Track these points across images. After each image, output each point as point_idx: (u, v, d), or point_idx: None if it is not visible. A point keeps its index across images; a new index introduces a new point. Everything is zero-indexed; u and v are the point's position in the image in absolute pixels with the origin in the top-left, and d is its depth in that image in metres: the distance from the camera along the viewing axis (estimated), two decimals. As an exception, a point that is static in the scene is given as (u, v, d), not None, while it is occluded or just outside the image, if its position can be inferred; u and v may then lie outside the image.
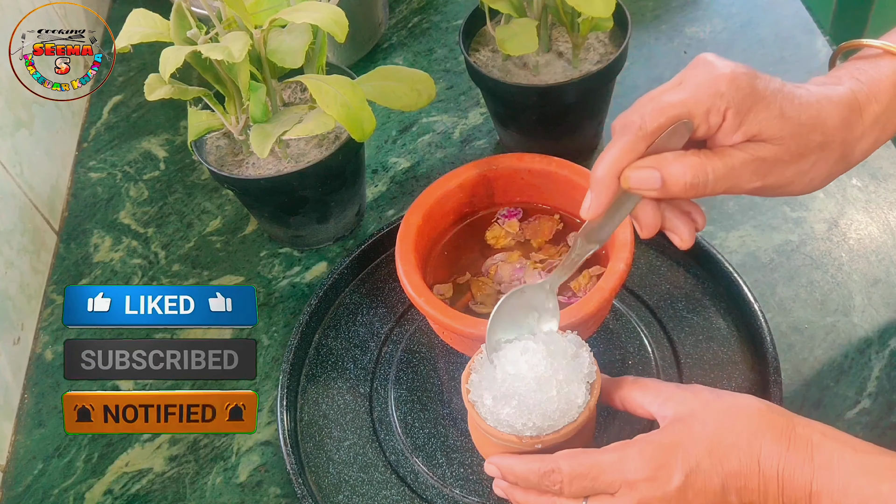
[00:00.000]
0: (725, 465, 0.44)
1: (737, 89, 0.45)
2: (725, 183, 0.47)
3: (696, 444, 0.45)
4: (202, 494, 0.63)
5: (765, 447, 0.44)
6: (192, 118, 0.68)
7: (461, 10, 0.98)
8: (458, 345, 0.63)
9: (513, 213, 0.67)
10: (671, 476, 0.45)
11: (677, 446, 0.45)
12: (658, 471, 0.45)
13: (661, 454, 0.45)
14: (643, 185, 0.46)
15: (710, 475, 0.44)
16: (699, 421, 0.46)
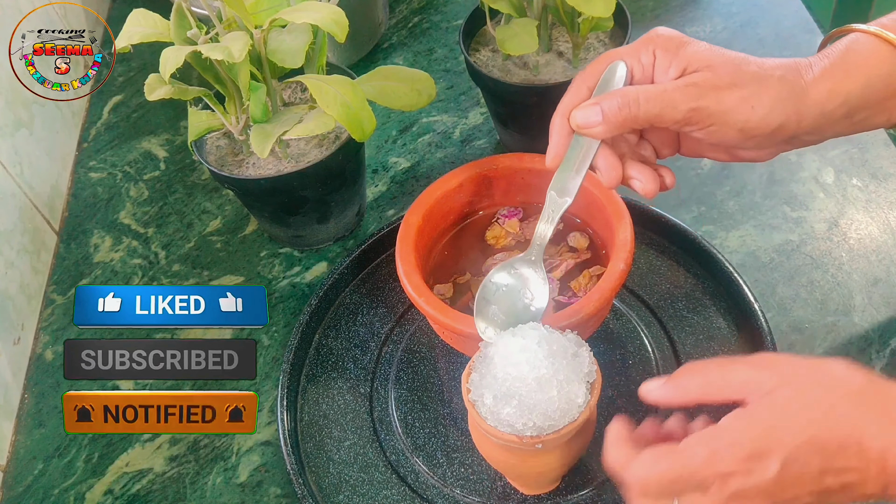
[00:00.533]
0: (825, 450, 0.41)
1: (663, 35, 0.50)
2: (657, 104, 0.48)
3: (792, 428, 0.41)
4: (202, 494, 0.63)
5: (868, 426, 0.41)
6: (193, 118, 0.68)
7: (461, 10, 0.98)
8: (458, 345, 0.63)
9: (513, 213, 0.67)
10: (767, 466, 0.41)
11: (772, 432, 0.42)
12: (753, 462, 0.42)
13: (755, 444, 0.42)
14: (586, 120, 0.50)
15: (808, 461, 0.41)
16: (793, 398, 0.42)
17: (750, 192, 0.74)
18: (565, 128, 0.51)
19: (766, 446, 0.42)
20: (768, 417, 0.42)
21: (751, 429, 0.42)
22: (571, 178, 0.52)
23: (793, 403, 0.42)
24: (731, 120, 0.48)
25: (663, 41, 0.50)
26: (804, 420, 0.42)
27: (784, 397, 0.42)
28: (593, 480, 0.58)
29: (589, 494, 0.58)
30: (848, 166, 0.74)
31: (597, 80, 0.51)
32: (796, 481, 0.42)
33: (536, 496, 0.58)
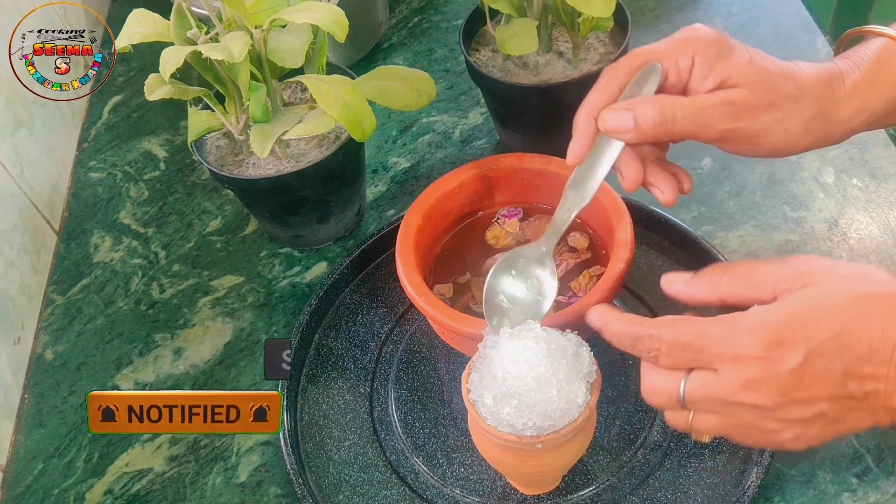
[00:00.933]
0: (853, 350, 0.39)
1: (704, 38, 0.48)
2: (694, 121, 0.47)
3: (823, 322, 0.39)
4: (202, 494, 0.63)
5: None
6: (193, 118, 0.68)
7: (461, 10, 0.98)
8: (458, 345, 0.63)
9: (513, 213, 0.67)
10: (787, 356, 0.39)
11: (799, 321, 0.39)
12: (773, 349, 0.39)
13: (779, 330, 0.39)
14: (617, 125, 0.48)
15: (833, 359, 0.39)
16: (827, 294, 0.40)
17: (750, 192, 0.74)
18: (591, 126, 0.50)
19: (790, 335, 0.39)
20: (798, 308, 0.40)
21: (778, 315, 0.40)
22: (591, 178, 0.51)
23: (826, 298, 0.40)
24: (763, 141, 0.48)
25: (704, 45, 0.48)
26: (836, 315, 0.39)
27: (817, 292, 0.40)
28: (593, 480, 0.58)
29: (589, 494, 0.58)
30: (848, 166, 0.74)
31: (628, 80, 0.49)
32: (817, 379, 0.39)
33: (536, 496, 0.58)
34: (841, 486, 0.56)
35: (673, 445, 0.59)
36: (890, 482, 0.56)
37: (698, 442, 0.58)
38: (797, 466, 0.57)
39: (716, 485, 0.57)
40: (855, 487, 0.56)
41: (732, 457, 0.58)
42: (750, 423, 0.42)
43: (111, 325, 0.75)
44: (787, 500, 0.56)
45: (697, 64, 0.48)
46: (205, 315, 0.74)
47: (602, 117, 0.49)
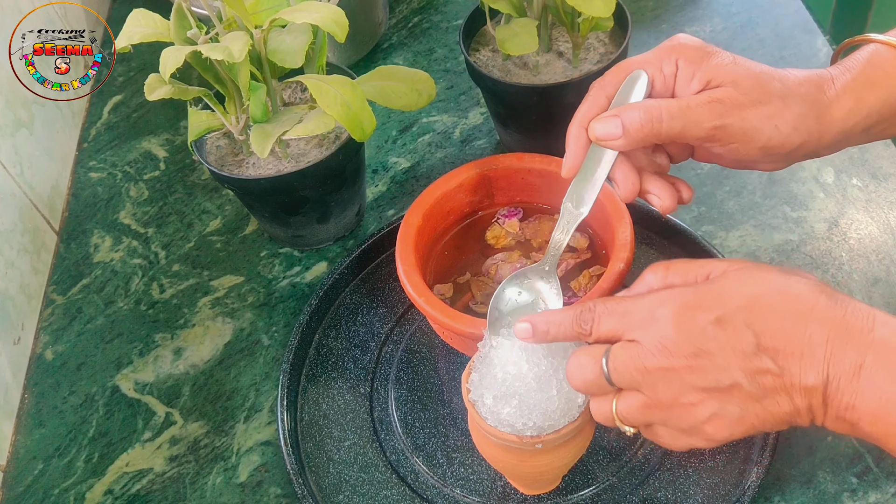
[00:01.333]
0: (764, 322, 0.41)
1: (687, 45, 0.49)
2: (680, 121, 0.48)
3: (737, 294, 0.41)
4: (202, 494, 0.63)
5: (817, 312, 0.40)
6: (193, 118, 0.68)
7: (461, 10, 0.98)
8: (458, 345, 0.63)
9: (513, 213, 0.67)
10: (698, 316, 0.41)
11: (713, 293, 0.42)
12: (686, 311, 0.42)
13: (693, 296, 0.42)
14: (606, 132, 0.49)
15: (742, 328, 0.41)
16: (748, 277, 0.42)
17: (750, 192, 0.74)
18: (582, 138, 0.51)
19: (703, 301, 0.42)
20: (717, 284, 0.43)
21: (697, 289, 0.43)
22: (588, 190, 0.51)
23: (746, 279, 0.43)
24: (754, 138, 0.48)
25: (687, 51, 0.49)
26: (752, 290, 0.42)
27: (738, 275, 0.43)
28: (593, 480, 0.58)
29: (589, 494, 0.58)
30: (848, 166, 0.74)
31: (615, 90, 0.50)
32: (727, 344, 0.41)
33: (536, 496, 0.58)
34: (841, 486, 0.56)
35: (673, 445, 0.59)
36: (890, 482, 0.56)
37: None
38: (797, 466, 0.57)
39: (716, 485, 0.57)
40: (855, 487, 0.56)
41: (732, 457, 0.58)
42: (669, 398, 0.43)
43: (111, 325, 0.75)
44: (787, 500, 0.56)
45: (682, 67, 0.49)
46: (205, 315, 0.74)
47: (591, 127, 0.50)
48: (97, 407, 0.69)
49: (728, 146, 0.49)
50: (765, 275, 0.43)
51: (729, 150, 0.49)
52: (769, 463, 0.55)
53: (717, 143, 0.49)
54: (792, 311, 0.41)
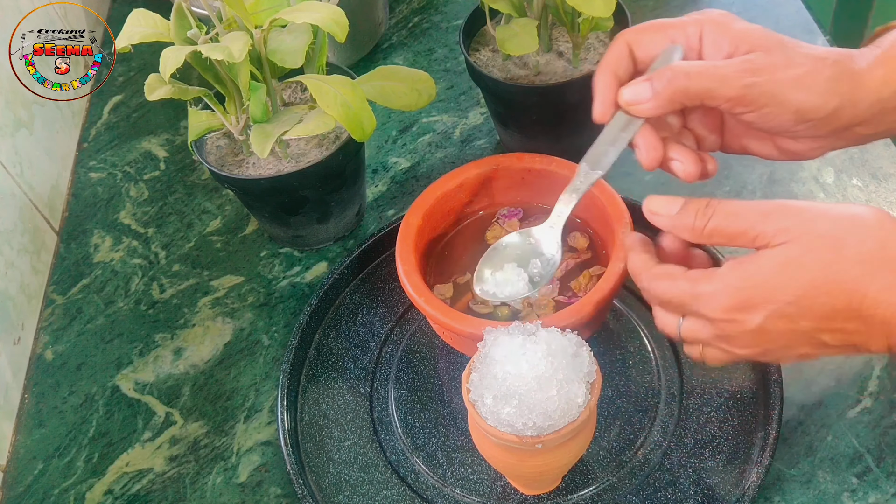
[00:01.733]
0: (816, 311, 0.42)
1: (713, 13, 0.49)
2: (710, 79, 0.47)
3: (786, 288, 0.42)
4: (202, 494, 0.63)
5: (873, 292, 0.41)
6: (193, 118, 0.68)
7: (461, 10, 0.98)
8: (458, 345, 0.63)
9: (513, 213, 0.67)
10: (748, 319, 0.43)
11: (761, 286, 0.42)
12: (734, 312, 0.43)
13: (741, 295, 0.43)
14: (636, 96, 0.48)
15: (796, 319, 0.42)
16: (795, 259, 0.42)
17: (750, 193, 0.74)
18: (609, 83, 0.50)
19: (750, 300, 0.43)
20: (763, 272, 0.43)
21: (743, 280, 0.43)
22: (606, 152, 0.51)
23: (793, 265, 0.42)
24: (786, 100, 0.46)
25: (713, 17, 0.49)
26: (800, 282, 0.42)
27: (786, 256, 0.42)
28: (593, 480, 0.58)
29: (589, 494, 0.58)
30: (848, 166, 0.74)
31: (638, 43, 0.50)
32: (784, 335, 0.43)
33: (536, 496, 0.58)
34: (841, 486, 0.56)
35: (673, 445, 0.59)
36: (890, 482, 0.56)
37: (699, 439, 0.58)
38: (797, 466, 0.57)
39: (716, 485, 0.57)
40: (855, 487, 0.56)
41: (732, 457, 0.58)
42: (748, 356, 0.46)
43: (111, 325, 0.75)
44: (787, 500, 0.56)
45: (707, 34, 0.48)
46: (205, 315, 0.74)
47: (621, 93, 0.49)
48: (97, 407, 0.69)
49: (760, 110, 0.47)
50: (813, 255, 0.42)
51: (761, 115, 0.47)
52: (769, 463, 0.55)
53: (749, 108, 0.47)
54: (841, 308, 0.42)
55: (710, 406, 0.60)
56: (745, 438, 0.58)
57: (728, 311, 0.43)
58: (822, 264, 0.42)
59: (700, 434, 0.59)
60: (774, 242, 0.43)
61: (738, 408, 0.60)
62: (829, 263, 0.41)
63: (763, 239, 0.43)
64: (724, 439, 0.59)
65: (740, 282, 0.43)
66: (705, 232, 0.45)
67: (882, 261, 0.41)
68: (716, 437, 0.59)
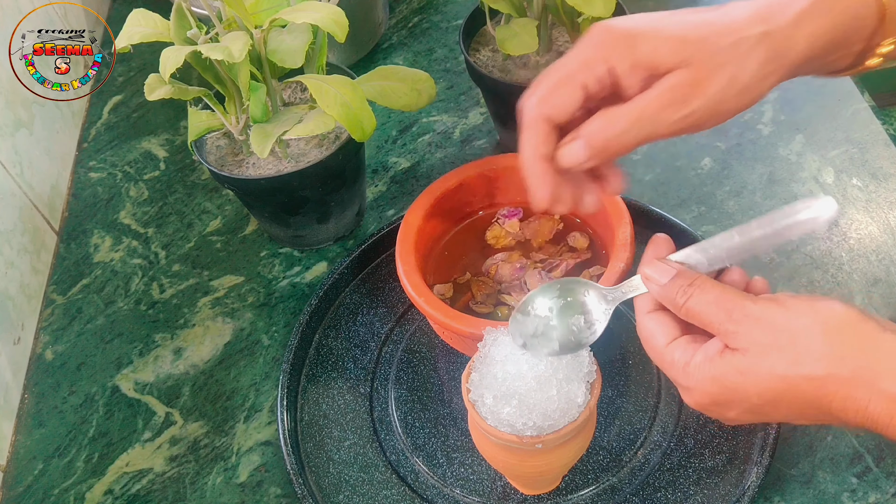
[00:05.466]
0: (786, 409, 0.44)
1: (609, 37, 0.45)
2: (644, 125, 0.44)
3: (750, 393, 0.43)
4: (202, 494, 0.63)
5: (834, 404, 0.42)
6: (192, 118, 0.68)
7: (461, 9, 0.98)
8: (458, 345, 0.63)
9: (513, 213, 0.67)
10: (723, 413, 0.46)
11: (729, 391, 0.44)
12: (712, 406, 0.46)
13: (714, 395, 0.45)
14: (573, 159, 0.46)
15: (769, 413, 0.45)
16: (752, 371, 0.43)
17: (750, 192, 0.74)
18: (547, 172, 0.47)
19: (721, 398, 0.45)
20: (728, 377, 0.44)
21: (710, 381, 0.44)
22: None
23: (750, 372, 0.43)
24: (727, 108, 0.44)
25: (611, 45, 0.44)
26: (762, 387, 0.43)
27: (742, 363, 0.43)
28: (593, 480, 0.58)
29: (589, 494, 0.58)
30: (848, 166, 0.74)
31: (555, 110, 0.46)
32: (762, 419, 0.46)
33: (536, 496, 0.58)
34: (841, 486, 0.56)
35: (673, 445, 0.59)
36: (890, 482, 0.56)
37: (699, 439, 0.58)
38: (797, 466, 0.57)
39: (716, 485, 0.57)
40: (855, 487, 0.56)
41: (732, 457, 0.58)
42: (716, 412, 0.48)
43: (111, 325, 0.75)
44: (787, 500, 0.56)
45: (616, 64, 0.44)
46: (205, 315, 0.74)
47: (558, 155, 0.46)
48: (97, 407, 0.69)
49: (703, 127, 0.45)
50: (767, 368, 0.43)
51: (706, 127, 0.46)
52: (769, 463, 0.55)
53: (693, 131, 0.45)
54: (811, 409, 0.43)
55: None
56: (745, 438, 0.58)
57: (704, 406, 0.46)
58: (777, 377, 0.43)
59: (700, 434, 0.59)
60: (733, 346, 0.44)
61: (738, 408, 0.60)
62: (783, 377, 0.42)
63: (726, 338, 0.44)
64: (724, 439, 0.59)
65: (707, 384, 0.45)
66: (682, 310, 0.46)
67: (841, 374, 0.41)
68: (716, 437, 0.59)
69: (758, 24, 0.44)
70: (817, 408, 0.43)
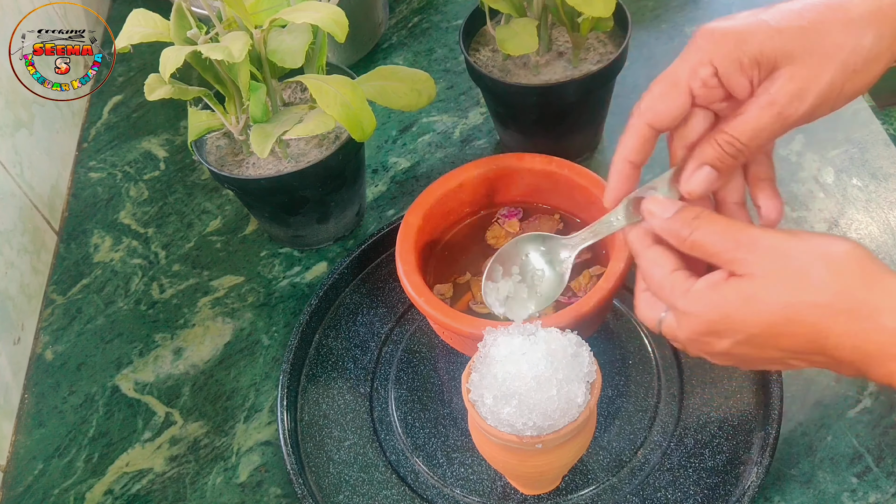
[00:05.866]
0: (781, 343, 0.43)
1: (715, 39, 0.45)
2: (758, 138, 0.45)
3: (747, 322, 0.43)
4: (202, 494, 0.63)
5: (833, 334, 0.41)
6: (192, 118, 0.68)
7: (461, 9, 0.98)
8: (458, 345, 0.63)
9: (513, 213, 0.67)
10: (716, 342, 0.44)
11: (726, 318, 0.43)
12: (705, 335, 0.45)
13: (709, 322, 0.44)
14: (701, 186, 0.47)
15: (762, 347, 0.43)
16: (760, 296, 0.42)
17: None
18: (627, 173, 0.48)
19: (716, 327, 0.44)
20: (728, 303, 0.43)
21: (708, 307, 0.44)
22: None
23: (753, 298, 0.42)
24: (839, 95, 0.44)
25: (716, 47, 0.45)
26: (762, 316, 0.42)
27: (752, 291, 0.43)
28: (593, 480, 0.58)
29: (589, 494, 0.58)
30: (848, 166, 0.74)
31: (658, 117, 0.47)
32: (752, 357, 0.44)
33: (536, 496, 0.58)
34: (841, 486, 0.56)
35: (673, 445, 0.59)
36: (890, 482, 0.56)
37: (699, 439, 0.58)
38: (797, 466, 0.57)
39: (716, 485, 0.57)
40: (855, 487, 0.56)
41: (732, 457, 0.58)
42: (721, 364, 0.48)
43: (111, 325, 0.75)
44: (787, 500, 0.56)
45: (721, 66, 0.45)
46: (205, 315, 0.74)
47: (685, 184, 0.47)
48: (97, 407, 0.69)
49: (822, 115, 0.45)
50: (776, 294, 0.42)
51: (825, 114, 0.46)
52: (769, 463, 0.55)
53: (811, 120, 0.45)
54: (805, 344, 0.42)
55: (710, 406, 0.60)
56: (745, 438, 0.58)
57: (697, 333, 0.45)
58: (782, 304, 0.42)
59: (700, 434, 0.59)
60: (739, 272, 0.43)
61: (738, 408, 0.60)
62: (788, 304, 0.42)
63: (732, 265, 0.44)
64: (724, 439, 0.59)
65: (707, 308, 0.44)
66: (687, 243, 0.45)
67: (843, 306, 0.41)
68: (716, 437, 0.59)
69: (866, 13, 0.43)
70: (813, 342, 0.41)
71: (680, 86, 0.46)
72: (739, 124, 0.45)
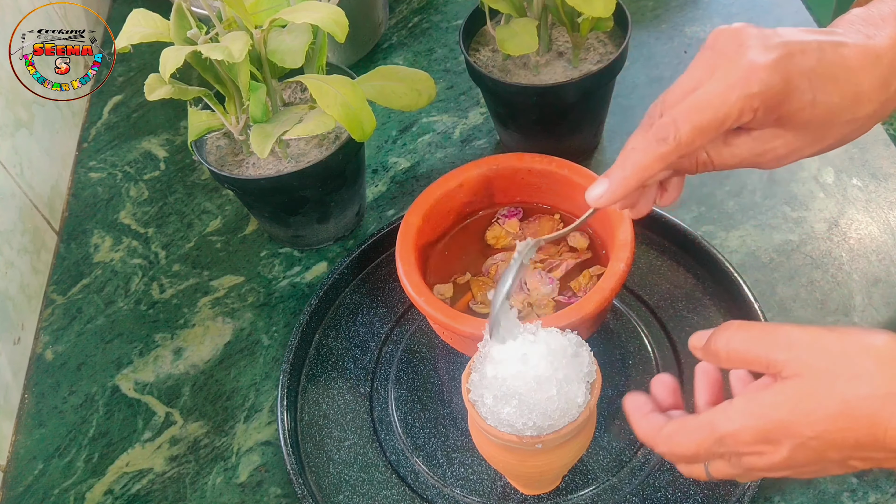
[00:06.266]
0: (840, 443, 0.41)
1: (769, 86, 0.46)
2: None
3: (805, 424, 0.41)
4: (202, 494, 0.63)
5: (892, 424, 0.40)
6: (192, 118, 0.68)
7: (461, 10, 0.98)
8: (458, 345, 0.63)
9: (513, 213, 0.67)
10: (776, 451, 0.42)
11: (781, 423, 0.42)
12: (761, 445, 0.43)
13: (765, 430, 0.42)
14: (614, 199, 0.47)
15: (822, 450, 0.42)
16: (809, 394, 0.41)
17: (750, 192, 0.74)
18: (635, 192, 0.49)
19: (772, 434, 0.42)
20: (780, 408, 0.42)
21: (760, 415, 0.42)
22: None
23: (808, 401, 0.41)
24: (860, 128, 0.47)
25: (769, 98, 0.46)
26: (818, 415, 0.41)
27: (801, 392, 0.41)
28: (593, 480, 0.58)
29: (589, 494, 0.58)
30: (848, 166, 0.74)
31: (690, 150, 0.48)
32: (812, 462, 0.42)
33: (536, 496, 0.58)
34: (841, 486, 0.56)
35: (673, 445, 0.59)
36: (890, 482, 0.56)
37: None
38: (797, 466, 0.57)
39: (716, 485, 0.57)
40: (855, 487, 0.56)
41: (732, 457, 0.58)
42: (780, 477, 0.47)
43: (111, 325, 0.75)
44: (787, 500, 0.56)
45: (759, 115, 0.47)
46: (205, 315, 0.74)
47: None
48: (97, 407, 0.69)
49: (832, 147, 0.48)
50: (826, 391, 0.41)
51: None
52: (769, 463, 0.55)
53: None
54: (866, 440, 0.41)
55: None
56: (745, 438, 0.58)
57: (753, 444, 0.43)
58: (837, 400, 0.41)
59: (700, 434, 0.59)
60: (785, 374, 0.42)
61: (738, 408, 0.60)
62: (844, 400, 0.41)
63: (775, 367, 0.43)
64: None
65: (759, 417, 0.42)
66: (724, 356, 0.45)
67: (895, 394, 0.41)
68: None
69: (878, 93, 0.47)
70: (871, 435, 0.41)
71: None
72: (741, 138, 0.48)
